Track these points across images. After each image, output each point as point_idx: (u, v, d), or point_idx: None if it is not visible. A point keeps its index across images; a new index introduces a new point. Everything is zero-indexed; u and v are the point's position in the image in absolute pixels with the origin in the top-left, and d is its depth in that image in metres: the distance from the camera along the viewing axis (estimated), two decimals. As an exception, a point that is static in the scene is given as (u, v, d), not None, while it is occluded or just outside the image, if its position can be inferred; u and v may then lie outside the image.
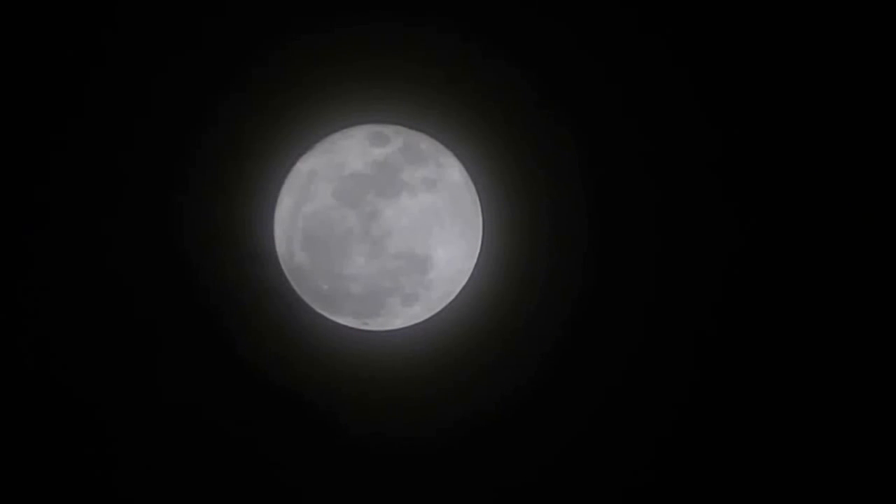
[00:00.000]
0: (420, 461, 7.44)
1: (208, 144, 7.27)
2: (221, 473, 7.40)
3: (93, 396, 7.29)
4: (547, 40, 7.26)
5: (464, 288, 7.18)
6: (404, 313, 7.02)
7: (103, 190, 7.24)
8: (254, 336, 7.35)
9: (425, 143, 7.03)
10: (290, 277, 7.10)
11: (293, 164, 7.07)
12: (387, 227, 6.67)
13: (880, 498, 7.42)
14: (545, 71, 7.27)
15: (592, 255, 7.37)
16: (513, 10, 7.22)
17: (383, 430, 7.39)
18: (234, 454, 7.40)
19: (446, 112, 7.19)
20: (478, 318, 7.36)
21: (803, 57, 7.36)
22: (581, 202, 7.34)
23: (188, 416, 7.35)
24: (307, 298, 7.10)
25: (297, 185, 6.97)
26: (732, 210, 7.38)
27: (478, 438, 7.44)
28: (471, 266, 7.13)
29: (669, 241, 7.40)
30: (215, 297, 7.31)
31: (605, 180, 7.35)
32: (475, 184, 7.12)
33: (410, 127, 7.07)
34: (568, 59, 7.28)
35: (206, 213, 7.27)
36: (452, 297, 7.18)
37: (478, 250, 7.14)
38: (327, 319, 7.15)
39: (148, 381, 7.32)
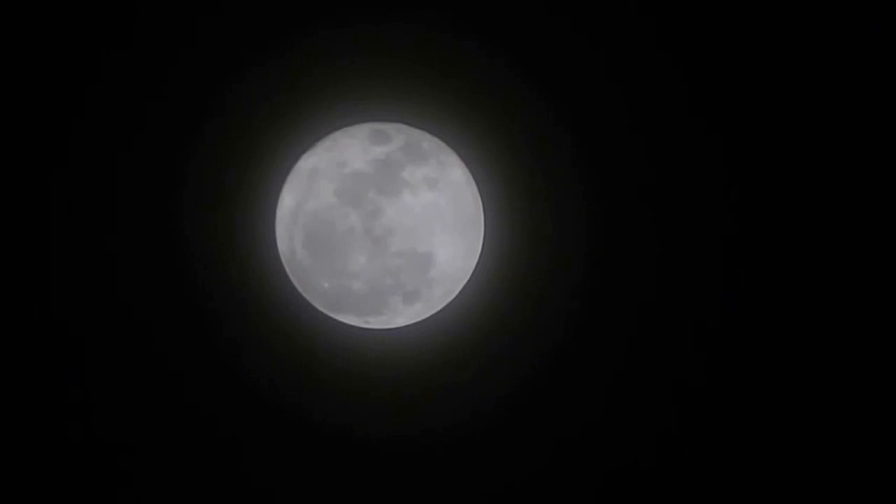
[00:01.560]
0: (422, 459, 7.44)
1: (209, 143, 7.27)
2: (221, 472, 7.40)
3: (91, 395, 7.29)
4: (549, 39, 7.26)
5: (465, 286, 7.18)
6: (406, 311, 7.02)
7: (103, 189, 7.23)
8: (255, 334, 7.35)
9: (427, 142, 7.03)
10: (291, 276, 7.10)
11: (294, 162, 7.07)
12: (388, 225, 6.67)
13: (880, 498, 7.42)
14: (547, 70, 7.27)
15: (594, 254, 7.37)
16: (515, 9, 7.22)
17: (385, 428, 7.40)
18: (234, 453, 7.40)
19: (448, 110, 7.19)
20: (479, 317, 7.36)
21: (805, 55, 7.36)
22: (583, 201, 7.34)
23: (187, 414, 7.36)
24: (309, 297, 7.10)
25: (299, 183, 6.97)
26: (733, 210, 7.38)
27: (479, 436, 7.44)
28: (472, 264, 7.13)
29: (670, 241, 7.40)
30: (216, 297, 7.31)
31: (606, 179, 7.35)
32: (477, 182, 7.12)
33: (412, 125, 7.07)
34: (570, 59, 7.28)
35: (208, 212, 7.27)
36: (454, 295, 7.18)
37: (479, 249, 7.14)
38: (329, 318, 7.14)
39: (146, 379, 7.32)
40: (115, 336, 7.29)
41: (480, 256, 7.16)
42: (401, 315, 7.06)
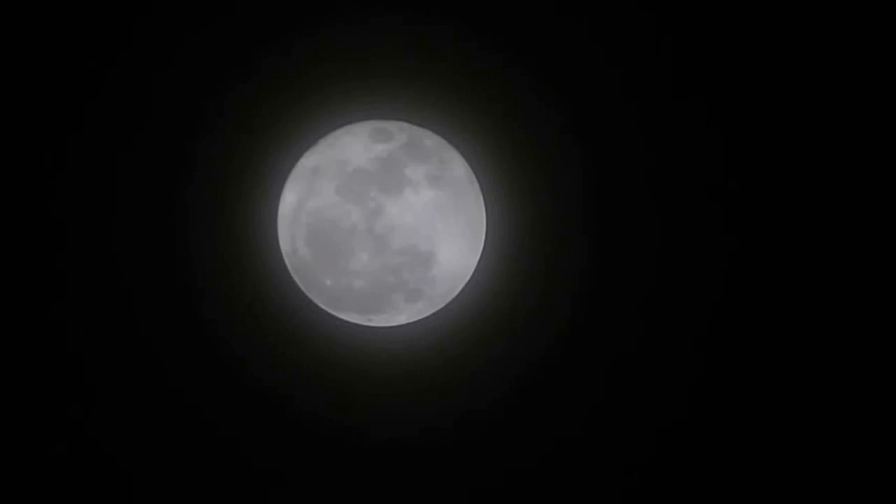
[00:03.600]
0: (423, 457, 7.44)
1: (211, 142, 7.27)
2: (221, 470, 7.40)
3: (91, 393, 7.29)
4: (551, 36, 7.26)
5: (467, 284, 7.19)
6: (408, 309, 7.02)
7: (105, 186, 7.24)
8: (256, 332, 7.35)
9: (429, 140, 7.03)
10: (293, 274, 7.10)
11: (296, 160, 7.08)
12: (390, 223, 6.67)
13: (880, 498, 7.43)
14: (549, 67, 7.27)
15: (595, 251, 7.38)
16: (517, 7, 7.22)
17: (386, 425, 7.40)
18: (236, 452, 7.40)
19: (450, 108, 7.19)
20: (481, 314, 7.36)
21: (805, 51, 7.36)
22: (585, 198, 7.34)
23: (187, 412, 7.36)
24: (311, 295, 7.10)
25: (301, 181, 6.97)
26: (734, 210, 7.38)
27: (481, 434, 7.44)
28: (474, 262, 7.14)
29: (673, 238, 7.40)
30: (218, 295, 7.31)
31: (609, 176, 7.35)
32: (479, 180, 7.12)
33: (414, 123, 7.08)
34: (572, 57, 7.28)
35: (209, 210, 7.27)
36: (456, 293, 7.19)
37: (481, 246, 7.14)
38: (331, 315, 7.15)
39: (146, 377, 7.33)
40: (116, 334, 7.29)
41: (482, 254, 7.16)
42: (402, 313, 7.06)
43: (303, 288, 7.11)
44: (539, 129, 7.30)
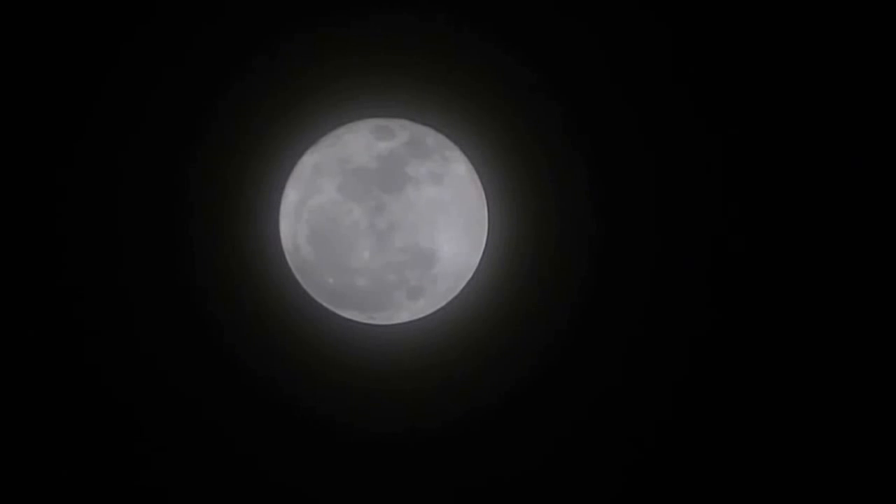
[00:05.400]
0: (424, 455, 7.44)
1: (212, 139, 7.27)
2: (222, 468, 7.40)
3: (91, 392, 7.29)
4: (553, 35, 7.27)
5: (469, 282, 7.19)
6: (410, 307, 7.02)
7: (106, 188, 7.24)
8: (258, 330, 7.35)
9: (431, 138, 7.04)
10: (295, 272, 7.10)
11: (298, 158, 7.08)
12: (392, 221, 6.67)
13: (879, 499, 7.44)
14: (551, 65, 7.28)
15: (597, 249, 7.38)
16: (519, 5, 7.23)
17: (388, 423, 7.40)
18: (237, 451, 7.40)
19: (452, 106, 7.20)
20: (483, 312, 7.36)
21: (806, 55, 7.37)
22: (586, 196, 7.35)
23: (189, 411, 7.36)
24: (313, 293, 7.11)
25: (302, 179, 6.97)
26: (736, 209, 7.38)
27: (482, 432, 7.44)
28: (476, 260, 7.14)
29: (673, 237, 7.41)
30: (220, 293, 7.32)
31: (610, 175, 7.36)
32: (481, 178, 7.13)
33: (416, 121, 7.08)
34: (574, 55, 7.29)
35: (212, 208, 7.28)
36: (458, 291, 7.19)
37: (483, 244, 7.15)
38: (333, 313, 7.15)
39: (147, 375, 7.33)
40: (117, 332, 7.29)
41: (484, 252, 7.17)
42: (404, 311, 7.06)
43: (305, 286, 7.11)
44: (541, 127, 7.31)
